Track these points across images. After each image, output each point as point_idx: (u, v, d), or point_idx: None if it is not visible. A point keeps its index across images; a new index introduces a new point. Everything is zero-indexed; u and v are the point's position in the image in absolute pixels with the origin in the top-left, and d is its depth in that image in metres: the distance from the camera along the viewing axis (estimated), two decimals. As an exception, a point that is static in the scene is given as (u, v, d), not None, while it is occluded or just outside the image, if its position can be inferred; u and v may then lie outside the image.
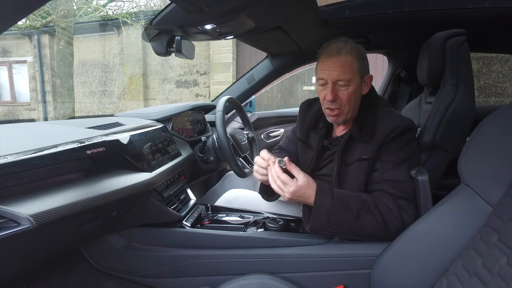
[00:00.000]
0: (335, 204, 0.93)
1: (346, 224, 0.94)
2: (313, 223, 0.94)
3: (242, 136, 1.58)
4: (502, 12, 1.29)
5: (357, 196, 0.97)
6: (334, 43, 1.03)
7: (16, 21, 0.47)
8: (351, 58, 1.00)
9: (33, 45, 7.95)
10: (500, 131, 0.75)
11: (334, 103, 1.02)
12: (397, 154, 1.00)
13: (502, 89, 4.63)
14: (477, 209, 0.75)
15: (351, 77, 1.00)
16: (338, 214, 0.93)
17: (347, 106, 1.03)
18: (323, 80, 1.03)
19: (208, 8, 0.93)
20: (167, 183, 1.23)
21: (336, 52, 1.00)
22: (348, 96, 1.01)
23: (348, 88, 1.01)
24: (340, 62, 0.99)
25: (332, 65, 1.00)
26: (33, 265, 0.87)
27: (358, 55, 1.02)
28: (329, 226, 0.94)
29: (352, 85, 1.01)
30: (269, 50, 1.77)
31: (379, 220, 0.93)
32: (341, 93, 1.01)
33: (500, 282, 0.59)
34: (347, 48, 1.01)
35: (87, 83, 7.82)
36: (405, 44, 1.77)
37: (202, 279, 1.07)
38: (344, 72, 0.99)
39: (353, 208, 0.94)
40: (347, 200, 0.95)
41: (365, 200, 0.96)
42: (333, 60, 1.00)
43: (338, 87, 1.01)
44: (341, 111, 1.04)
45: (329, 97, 1.01)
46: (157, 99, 7.31)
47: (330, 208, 0.93)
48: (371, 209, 0.94)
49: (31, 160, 0.74)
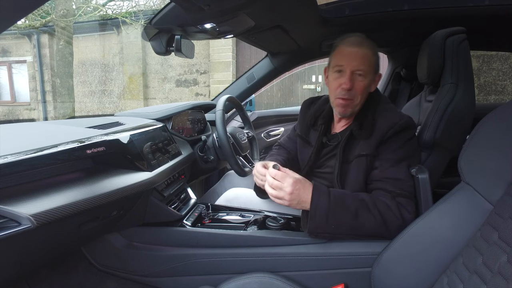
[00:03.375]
0: (332, 203, 0.93)
1: (344, 224, 0.93)
2: (311, 223, 0.94)
3: (242, 135, 1.58)
4: (502, 9, 1.29)
5: (355, 195, 0.97)
6: (355, 35, 1.06)
7: (15, 21, 0.46)
8: (371, 52, 1.03)
9: (32, 44, 7.94)
10: (500, 129, 0.75)
11: (349, 92, 1.03)
12: (397, 152, 1.00)
13: (502, 87, 4.62)
14: (478, 207, 0.75)
15: (368, 70, 1.03)
16: (336, 214, 0.93)
17: (359, 97, 1.04)
18: (340, 67, 1.04)
19: (208, 7, 0.93)
20: (167, 183, 1.23)
21: (359, 43, 1.02)
22: (363, 87, 1.03)
23: (364, 80, 1.03)
24: (361, 53, 1.02)
25: (354, 54, 1.02)
26: (34, 264, 0.87)
27: (374, 52, 1.05)
28: (328, 227, 0.94)
29: (367, 78, 1.03)
30: (269, 49, 1.77)
31: (378, 218, 0.93)
32: (357, 83, 1.03)
33: (501, 280, 0.59)
34: (368, 42, 1.04)
35: (87, 82, 7.82)
36: (405, 42, 1.77)
37: (202, 278, 1.07)
38: (364, 64, 1.02)
39: (351, 207, 0.94)
40: (344, 199, 0.95)
41: (363, 199, 0.96)
42: (355, 50, 1.02)
43: (355, 76, 1.03)
44: (352, 102, 1.05)
45: (347, 84, 1.02)
46: (157, 99, 7.31)
47: (327, 208, 0.93)
48: (369, 207, 0.94)
49: (31, 160, 0.74)
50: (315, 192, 0.94)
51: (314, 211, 0.93)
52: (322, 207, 0.93)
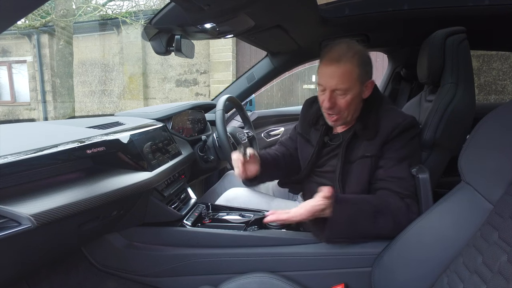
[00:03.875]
0: (351, 210, 0.93)
1: (362, 229, 0.94)
2: (329, 232, 0.93)
3: (242, 135, 1.58)
4: (502, 9, 1.29)
5: (368, 200, 0.97)
6: (336, 47, 1.00)
7: (15, 21, 0.46)
8: (351, 66, 0.98)
9: (32, 44, 7.94)
10: (500, 129, 0.75)
11: (331, 110, 1.02)
12: (400, 151, 1.00)
13: (502, 86, 4.62)
14: (478, 207, 0.75)
15: (350, 86, 0.99)
16: (354, 220, 0.93)
17: (345, 112, 1.04)
18: (322, 86, 1.03)
19: (208, 7, 0.93)
20: (167, 182, 1.23)
21: (336, 60, 0.98)
22: (346, 104, 1.01)
23: (345, 97, 1.00)
24: (339, 71, 0.97)
25: (331, 73, 0.99)
26: (34, 264, 0.87)
27: (359, 63, 0.99)
28: (346, 232, 0.94)
29: (350, 93, 1.00)
30: (269, 48, 1.77)
31: (391, 221, 0.94)
32: (339, 101, 1.01)
33: (501, 279, 0.59)
34: (349, 56, 0.98)
35: (87, 82, 7.82)
36: (405, 42, 1.77)
37: (202, 278, 1.07)
38: (343, 82, 0.98)
39: (369, 212, 0.94)
40: (361, 205, 0.95)
41: (376, 204, 0.96)
42: (332, 68, 0.98)
43: (336, 94, 1.01)
44: (340, 117, 1.05)
45: (326, 104, 1.02)
46: (157, 98, 7.31)
47: (348, 215, 0.92)
48: (384, 211, 0.94)
49: (31, 160, 0.74)
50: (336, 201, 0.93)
51: (334, 219, 0.92)
52: (343, 215, 0.92)
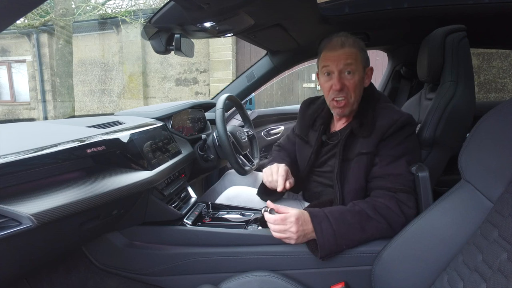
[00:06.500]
0: (334, 225, 0.92)
1: (354, 239, 0.94)
2: (322, 251, 0.92)
3: (242, 133, 1.58)
4: (502, 7, 1.29)
5: (351, 208, 0.96)
6: (336, 37, 1.07)
7: (14, 20, 0.46)
8: (355, 49, 1.05)
9: (32, 44, 7.93)
10: (500, 127, 0.75)
11: (341, 92, 1.04)
12: (396, 149, 1.00)
13: (502, 85, 4.62)
14: (478, 205, 0.75)
15: (356, 67, 1.04)
16: (343, 234, 0.92)
17: (353, 95, 1.05)
18: (327, 68, 1.05)
19: (207, 5, 0.92)
20: (167, 181, 1.23)
21: (340, 45, 1.04)
22: (354, 84, 1.04)
23: (353, 77, 1.04)
24: (346, 53, 1.03)
25: (337, 55, 1.04)
26: (35, 264, 0.87)
27: (360, 48, 1.06)
28: (338, 247, 0.93)
29: (357, 74, 1.04)
30: (268, 47, 1.77)
31: (382, 223, 0.93)
32: (347, 82, 1.04)
33: (501, 277, 0.59)
34: (350, 41, 1.05)
35: (87, 82, 7.81)
36: (405, 40, 1.77)
37: (203, 277, 1.07)
38: (350, 62, 1.03)
39: (354, 222, 0.93)
40: (344, 216, 0.94)
41: (361, 209, 0.95)
42: (338, 51, 1.04)
43: (344, 76, 1.04)
44: (347, 101, 1.05)
45: (337, 86, 1.03)
46: (156, 98, 7.30)
47: (332, 232, 0.92)
48: (370, 215, 0.94)
49: (31, 159, 0.74)
50: (314, 220, 0.93)
51: (322, 239, 0.92)
52: (328, 233, 0.92)
